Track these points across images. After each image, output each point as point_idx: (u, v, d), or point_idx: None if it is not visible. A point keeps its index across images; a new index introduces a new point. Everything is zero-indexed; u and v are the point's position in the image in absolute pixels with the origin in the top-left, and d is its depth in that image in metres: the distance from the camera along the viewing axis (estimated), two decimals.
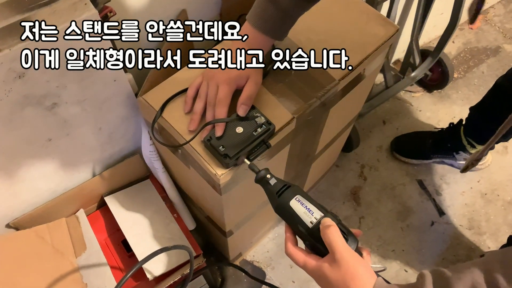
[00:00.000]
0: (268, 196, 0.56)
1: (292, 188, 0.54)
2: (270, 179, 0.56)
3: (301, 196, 0.53)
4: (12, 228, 0.79)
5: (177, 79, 0.69)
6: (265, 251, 1.24)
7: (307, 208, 0.52)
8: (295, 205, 0.53)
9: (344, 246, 0.48)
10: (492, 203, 1.35)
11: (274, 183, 0.55)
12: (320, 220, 0.51)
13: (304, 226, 0.52)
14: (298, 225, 0.52)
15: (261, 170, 0.57)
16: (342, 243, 0.48)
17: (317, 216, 0.51)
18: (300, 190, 0.54)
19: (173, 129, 0.64)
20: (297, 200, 0.53)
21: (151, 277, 0.79)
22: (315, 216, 0.51)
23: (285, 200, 0.53)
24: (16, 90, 0.57)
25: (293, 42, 0.73)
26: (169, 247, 0.58)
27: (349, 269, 0.46)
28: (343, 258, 0.46)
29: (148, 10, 0.72)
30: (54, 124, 0.67)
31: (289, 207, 0.53)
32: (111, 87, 0.68)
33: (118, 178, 0.89)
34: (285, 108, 0.66)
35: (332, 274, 0.47)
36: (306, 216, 0.52)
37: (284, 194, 0.54)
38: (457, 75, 1.60)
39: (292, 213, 0.52)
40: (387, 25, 0.75)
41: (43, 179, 0.75)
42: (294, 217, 0.52)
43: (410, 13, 1.27)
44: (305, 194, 0.54)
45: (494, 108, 1.10)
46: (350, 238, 0.51)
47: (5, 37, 0.53)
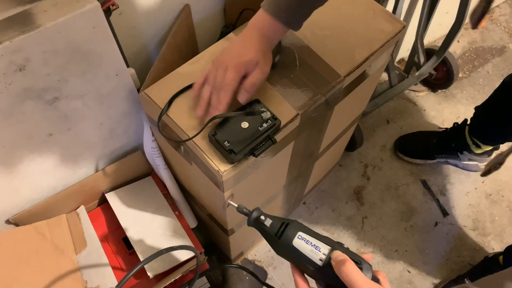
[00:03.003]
0: (267, 239, 0.52)
1: (291, 225, 0.50)
2: (265, 220, 0.51)
3: (302, 233, 0.49)
4: (12, 224, 0.79)
5: (179, 74, 0.68)
6: (267, 250, 1.23)
7: (313, 244, 0.48)
8: (299, 244, 0.48)
9: (365, 281, 0.44)
10: (497, 204, 1.33)
11: (270, 223, 0.51)
12: (329, 255, 0.47)
13: (314, 265, 0.47)
14: (307, 265, 0.48)
15: (252, 211, 0.52)
16: (361, 278, 0.44)
17: (325, 251, 0.47)
18: (299, 225, 0.50)
19: (176, 125, 0.63)
20: (300, 238, 0.48)
21: (152, 275, 0.78)
22: (323, 251, 0.47)
23: (288, 241, 0.49)
24: (16, 83, 0.56)
25: (298, 37, 0.72)
26: (175, 247, 0.56)
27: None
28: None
29: (151, 4, 0.71)
30: (55, 119, 0.66)
31: (293, 247, 0.48)
32: (113, 81, 0.67)
33: (119, 175, 0.88)
34: (289, 104, 0.65)
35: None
36: (314, 254, 0.47)
37: (284, 235, 0.49)
38: (462, 74, 1.58)
39: (298, 253, 0.48)
40: (394, 22, 0.74)
41: (43, 174, 0.74)
42: (301, 258, 0.48)
43: (415, 12, 1.26)
44: (305, 228, 0.50)
45: (502, 107, 1.09)
46: (365, 267, 0.47)
47: (6, 29, 0.52)
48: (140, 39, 0.75)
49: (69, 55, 0.58)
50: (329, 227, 1.27)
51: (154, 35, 0.77)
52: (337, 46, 0.71)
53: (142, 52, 0.78)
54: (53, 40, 0.54)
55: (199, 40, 0.85)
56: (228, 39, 0.71)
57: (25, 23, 0.52)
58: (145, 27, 0.74)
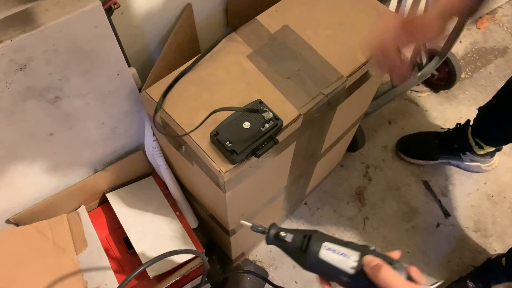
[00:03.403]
0: (291, 255, 0.49)
1: (314, 236, 0.47)
2: (285, 236, 0.48)
3: (328, 243, 0.47)
4: (12, 224, 0.78)
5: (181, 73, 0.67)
6: (268, 251, 1.23)
7: (341, 253, 0.46)
8: (327, 255, 0.46)
9: (404, 285, 0.43)
10: (498, 205, 1.33)
11: (292, 238, 0.48)
12: (360, 261, 0.45)
13: (346, 274, 0.45)
14: (338, 275, 0.46)
15: (269, 228, 0.49)
16: (400, 283, 0.43)
17: (356, 258, 0.46)
18: (322, 235, 0.48)
19: (176, 124, 0.63)
20: (327, 249, 0.46)
21: (153, 275, 0.78)
22: (353, 259, 0.46)
23: (314, 254, 0.46)
24: (17, 82, 0.56)
25: (301, 37, 0.71)
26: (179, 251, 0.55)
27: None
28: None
29: (153, 3, 0.71)
30: (57, 118, 0.65)
31: (322, 260, 0.46)
32: (115, 81, 0.67)
33: (120, 175, 0.87)
34: (291, 104, 0.65)
35: None
36: (344, 263, 0.45)
37: (310, 248, 0.47)
38: (464, 75, 1.58)
39: (327, 265, 0.46)
40: None
41: (44, 174, 0.74)
42: (332, 269, 0.46)
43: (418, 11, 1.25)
44: (329, 236, 0.48)
45: (505, 108, 1.08)
46: (398, 267, 0.45)
47: (7, 27, 0.52)
48: (142, 38, 0.75)
49: (70, 54, 0.58)
50: (330, 228, 1.27)
51: (155, 35, 0.77)
52: (339, 46, 0.71)
53: (144, 51, 0.77)
54: (54, 39, 0.54)
55: (201, 39, 0.85)
56: (230, 39, 0.71)
57: (27, 22, 0.52)
58: (147, 26, 0.74)
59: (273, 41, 0.71)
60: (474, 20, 1.70)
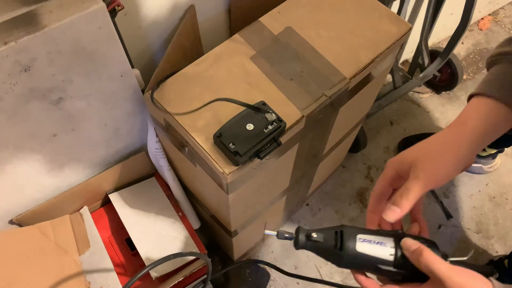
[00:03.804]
0: (325, 255, 0.47)
1: (345, 231, 0.46)
2: (317, 237, 0.46)
3: (361, 234, 0.46)
4: (15, 224, 0.78)
5: (184, 75, 0.67)
6: (270, 252, 1.23)
7: (377, 242, 0.45)
8: (364, 247, 0.45)
9: (448, 268, 0.42)
10: (500, 207, 1.33)
11: (323, 237, 0.46)
12: (396, 246, 0.45)
13: (387, 263, 0.44)
14: (378, 266, 0.45)
15: (297, 233, 0.48)
16: (444, 267, 0.42)
17: (392, 244, 0.45)
18: (352, 228, 0.47)
19: (179, 124, 0.63)
20: (362, 241, 0.45)
21: (155, 276, 0.78)
22: (389, 245, 0.45)
23: (351, 249, 0.45)
24: (21, 83, 0.56)
25: (303, 38, 0.71)
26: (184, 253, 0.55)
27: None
28: (455, 283, 0.41)
29: (156, 5, 0.71)
30: (60, 119, 0.66)
31: (360, 253, 0.45)
32: (118, 82, 0.67)
33: (123, 175, 0.87)
34: (294, 106, 0.65)
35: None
36: (382, 251, 0.44)
37: (345, 244, 0.45)
38: (466, 76, 1.58)
39: (366, 258, 0.45)
40: (400, 23, 0.74)
41: (47, 174, 0.74)
42: (371, 261, 0.45)
43: (420, 13, 1.25)
44: (358, 228, 0.47)
45: None
46: (434, 248, 0.45)
47: (11, 29, 0.52)
48: (145, 39, 0.75)
49: (74, 55, 0.58)
50: None
51: (158, 36, 0.77)
52: (342, 48, 0.71)
53: (147, 52, 0.78)
54: (58, 40, 0.54)
55: (203, 40, 0.85)
56: (233, 40, 0.71)
57: (31, 24, 0.52)
58: (150, 27, 0.74)
59: (276, 42, 0.71)
60: (476, 21, 1.70)
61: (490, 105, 0.51)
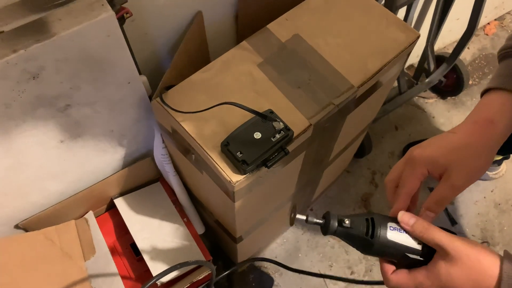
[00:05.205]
0: (355, 242, 0.47)
1: (376, 218, 0.47)
2: (348, 223, 0.46)
3: (392, 223, 0.46)
4: (20, 229, 0.78)
5: (191, 82, 0.67)
6: (273, 257, 1.22)
7: (405, 231, 0.46)
8: (394, 235, 0.45)
9: (448, 234, 0.43)
10: (506, 214, 1.32)
11: (353, 223, 0.46)
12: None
13: (415, 252, 0.45)
14: (407, 254, 0.45)
15: (328, 218, 0.47)
16: (443, 232, 0.43)
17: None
18: (382, 217, 0.47)
19: (186, 132, 0.63)
20: (392, 229, 0.45)
21: (160, 283, 0.78)
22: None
23: (383, 237, 0.45)
24: (29, 91, 0.56)
25: (311, 46, 0.71)
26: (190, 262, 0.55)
27: (470, 256, 0.41)
28: (457, 249, 0.41)
29: (163, 11, 0.70)
30: (66, 126, 0.66)
31: (390, 242, 0.45)
32: (125, 89, 0.67)
33: (128, 180, 0.87)
34: (302, 114, 0.65)
35: (453, 270, 0.42)
36: (411, 240, 0.45)
37: (376, 232, 0.46)
38: (471, 81, 1.57)
39: (395, 246, 0.45)
40: (408, 31, 0.73)
41: (53, 180, 0.74)
42: (400, 249, 0.45)
43: (426, 18, 1.25)
44: (388, 217, 0.47)
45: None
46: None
47: (20, 37, 0.52)
48: (152, 46, 0.75)
49: (82, 63, 0.58)
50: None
51: (165, 42, 0.77)
52: (350, 56, 0.71)
53: (153, 58, 0.77)
54: (67, 48, 0.54)
55: (210, 46, 0.84)
56: (240, 47, 0.71)
57: (40, 32, 0.52)
58: (157, 33, 0.74)
59: (284, 49, 0.71)
60: (482, 26, 1.70)
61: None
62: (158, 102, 0.65)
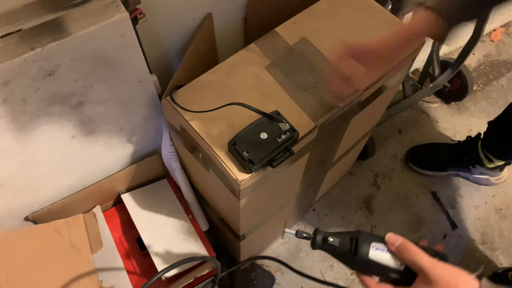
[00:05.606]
0: (339, 258, 0.50)
1: (361, 237, 0.49)
2: (333, 241, 0.49)
3: (376, 243, 0.48)
4: (30, 221, 0.80)
5: (201, 82, 0.69)
6: (275, 255, 1.24)
7: (389, 251, 0.47)
8: (377, 255, 0.47)
9: (429, 259, 0.45)
10: (506, 219, 1.33)
11: (338, 241, 0.49)
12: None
13: (395, 271, 0.47)
14: (389, 273, 0.47)
15: (315, 234, 0.50)
16: (425, 257, 0.45)
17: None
18: (367, 235, 0.49)
19: (195, 131, 0.64)
20: (375, 249, 0.47)
21: (165, 277, 0.80)
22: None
23: (364, 256, 0.47)
24: (44, 87, 0.58)
25: (318, 50, 0.73)
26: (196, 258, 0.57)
27: (450, 282, 0.43)
28: (437, 275, 0.44)
29: (175, 12, 0.72)
30: (78, 122, 0.67)
31: (372, 261, 0.47)
32: (136, 87, 0.69)
33: (135, 177, 0.89)
34: (307, 116, 0.66)
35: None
36: (393, 260, 0.47)
37: (359, 250, 0.48)
38: (476, 87, 1.58)
39: (377, 265, 0.47)
40: None
41: (64, 175, 0.76)
42: (382, 268, 0.47)
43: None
44: (374, 236, 0.49)
45: None
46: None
47: (38, 35, 0.54)
48: (162, 46, 0.77)
49: (95, 62, 0.60)
50: None
51: (175, 43, 0.78)
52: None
53: (164, 58, 0.79)
54: (82, 47, 0.56)
55: (218, 47, 0.86)
56: (248, 49, 0.72)
57: (57, 31, 0.54)
58: (168, 34, 0.75)
59: (291, 53, 0.72)
60: (488, 33, 1.71)
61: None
62: (168, 101, 0.67)
